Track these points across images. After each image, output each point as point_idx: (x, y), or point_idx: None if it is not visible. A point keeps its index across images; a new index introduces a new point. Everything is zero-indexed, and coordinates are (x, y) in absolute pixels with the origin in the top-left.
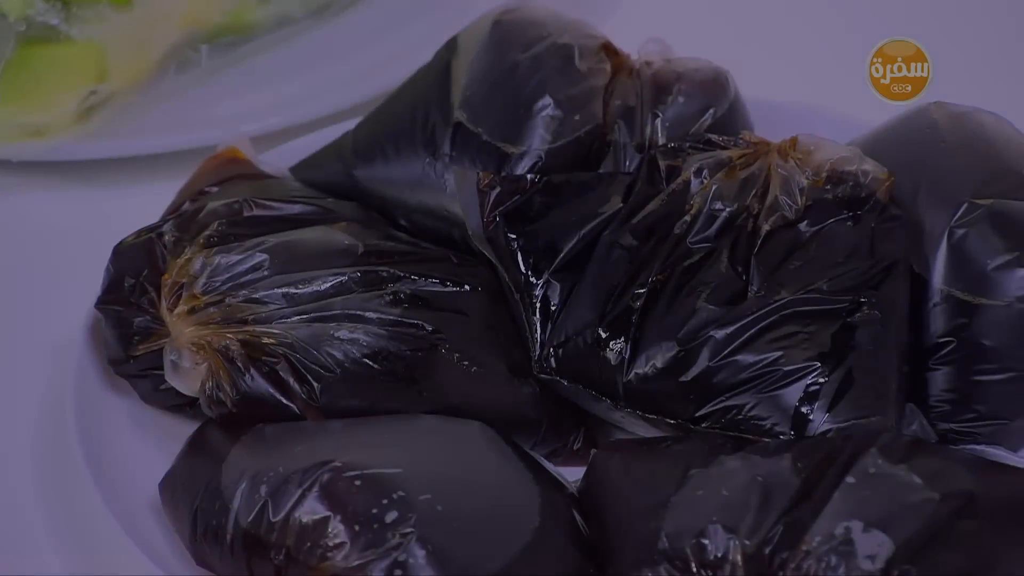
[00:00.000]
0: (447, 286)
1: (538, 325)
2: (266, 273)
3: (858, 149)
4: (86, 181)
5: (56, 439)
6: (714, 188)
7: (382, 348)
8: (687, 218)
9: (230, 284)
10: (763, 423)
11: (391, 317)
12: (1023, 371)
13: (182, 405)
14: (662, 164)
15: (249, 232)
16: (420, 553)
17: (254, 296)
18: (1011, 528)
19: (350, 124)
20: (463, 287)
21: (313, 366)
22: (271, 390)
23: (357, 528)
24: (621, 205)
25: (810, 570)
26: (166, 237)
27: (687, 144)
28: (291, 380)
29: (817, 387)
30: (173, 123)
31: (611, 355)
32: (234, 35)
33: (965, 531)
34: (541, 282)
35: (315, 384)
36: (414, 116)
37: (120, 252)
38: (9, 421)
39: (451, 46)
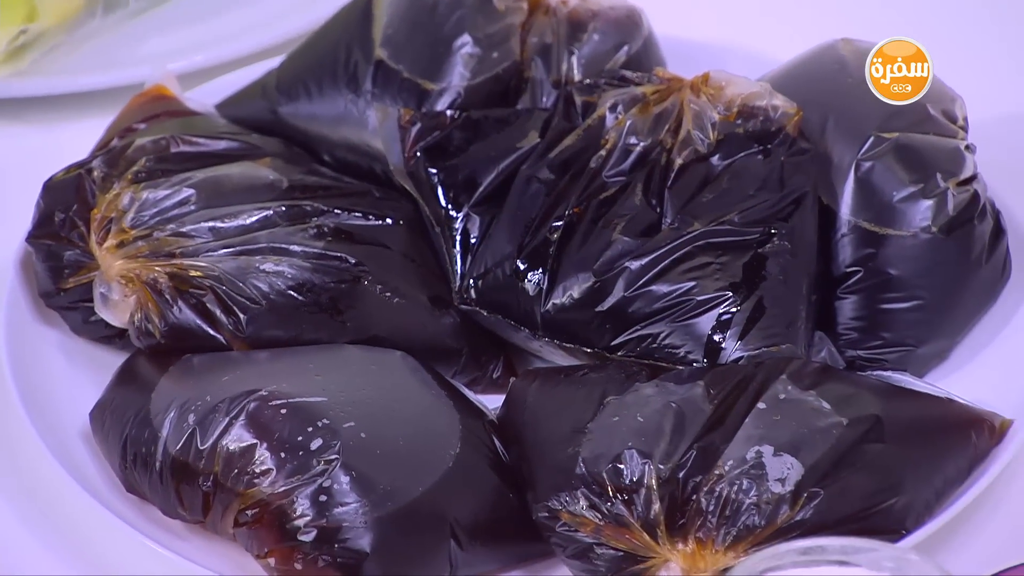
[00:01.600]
0: (369, 220)
1: (458, 257)
2: (193, 208)
3: (768, 85)
4: (16, 118)
5: None
6: (628, 123)
7: (306, 280)
8: (602, 152)
9: (158, 218)
10: (677, 351)
11: (315, 250)
12: (927, 299)
13: (111, 336)
14: (578, 100)
15: (176, 168)
16: (344, 479)
17: (181, 230)
18: (916, 450)
19: (274, 62)
20: (385, 221)
21: (239, 298)
22: (198, 321)
23: (283, 455)
24: (538, 140)
25: (723, 493)
26: (95, 173)
27: (602, 80)
28: (218, 312)
29: (729, 316)
30: (101, 61)
31: (529, 286)
32: None
33: (872, 454)
34: (461, 216)
35: (241, 315)
36: (336, 54)
37: (50, 188)
38: None
39: None
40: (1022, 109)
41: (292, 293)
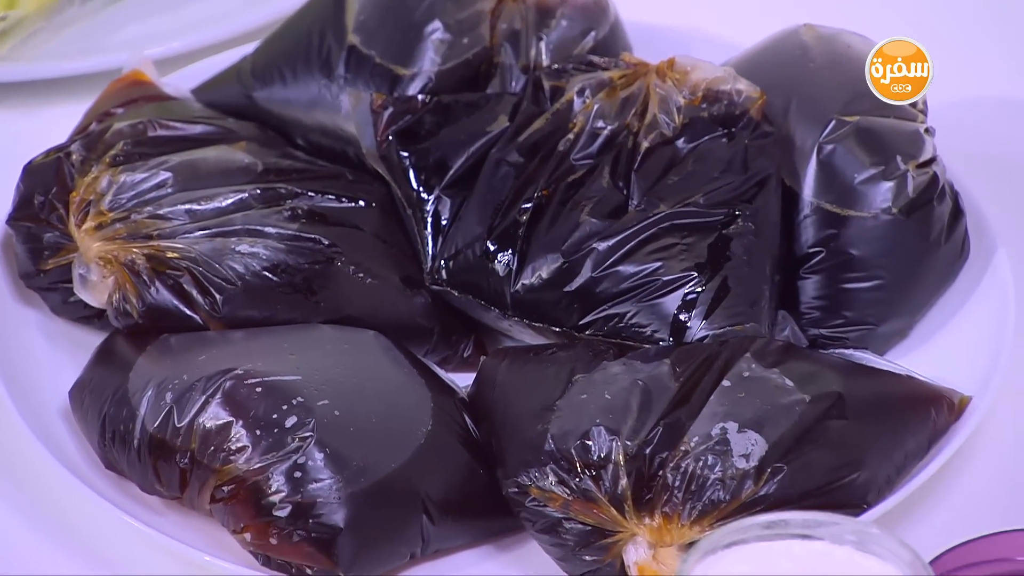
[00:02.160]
0: (343, 202)
1: (430, 238)
2: (170, 190)
3: (732, 69)
4: None
5: None
6: (596, 107)
7: (281, 261)
8: (570, 136)
9: (135, 201)
10: (643, 330)
11: (289, 232)
12: (888, 279)
13: (90, 317)
14: (546, 85)
15: (153, 151)
16: (318, 456)
17: (158, 212)
18: (876, 426)
19: (249, 48)
20: (358, 203)
21: (215, 279)
22: (175, 302)
23: (258, 432)
24: (508, 124)
25: (688, 469)
26: (74, 156)
27: (570, 65)
28: (194, 292)
29: (694, 295)
30: (80, 48)
31: (499, 267)
32: None
33: (833, 430)
34: (432, 198)
35: (217, 296)
36: (310, 40)
37: (30, 171)
38: None
39: None
40: (981, 92)
41: (267, 274)
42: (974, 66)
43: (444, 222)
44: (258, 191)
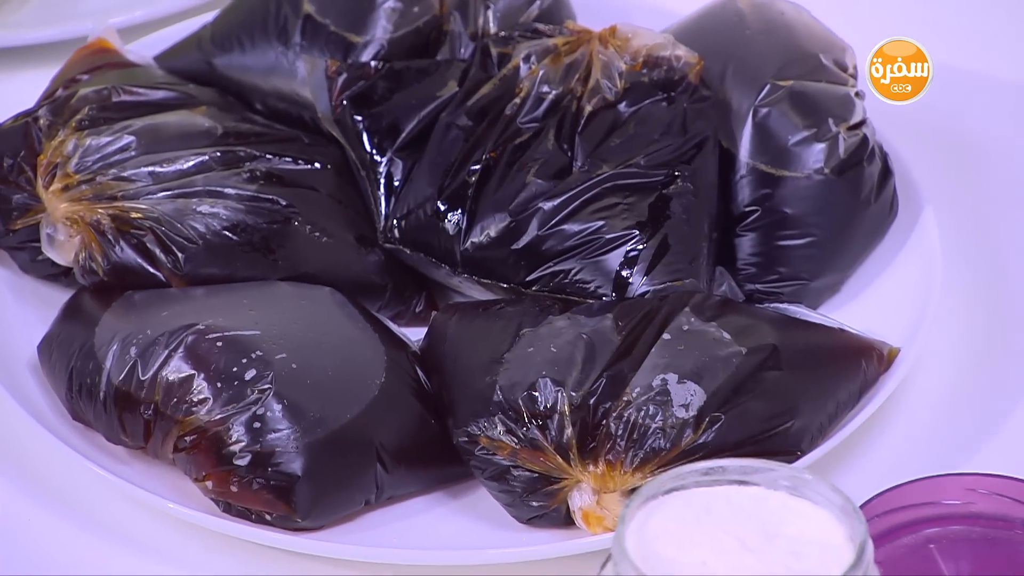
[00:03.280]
0: (299, 164)
1: (383, 199)
2: (133, 153)
3: (671, 36)
4: None
5: None
6: (541, 73)
7: (240, 221)
8: (517, 100)
9: (100, 164)
10: (588, 286)
11: (248, 193)
12: (820, 236)
13: (58, 275)
14: (494, 51)
15: (117, 116)
16: (277, 407)
17: (123, 174)
18: (809, 377)
19: (209, 17)
20: (314, 165)
21: (177, 238)
22: (139, 260)
23: (219, 385)
24: (457, 89)
25: (630, 418)
26: (41, 121)
27: (516, 33)
28: (157, 251)
29: (636, 253)
30: (46, 16)
31: (449, 226)
32: None
33: (769, 381)
34: (385, 160)
35: (179, 254)
36: (267, 8)
37: None
38: None
39: None
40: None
41: (227, 233)
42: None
43: (396, 183)
44: (218, 154)
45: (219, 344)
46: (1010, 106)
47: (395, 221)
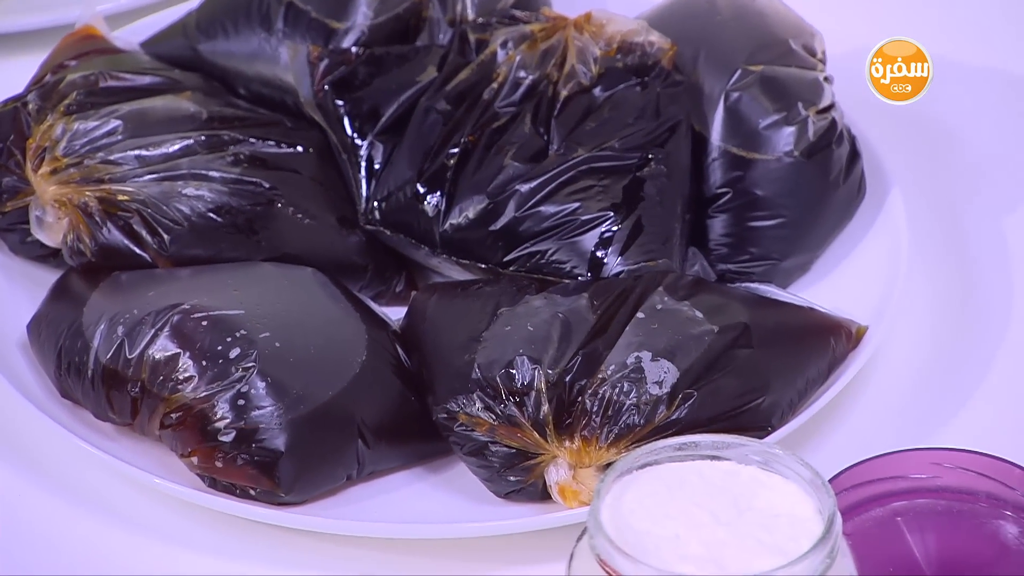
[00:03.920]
0: (282, 148)
1: (364, 181)
2: (120, 137)
3: (645, 23)
4: None
5: None
6: (518, 59)
7: (224, 203)
8: (494, 85)
9: (88, 147)
10: (564, 266)
11: (232, 176)
12: (790, 217)
13: (47, 256)
14: (472, 38)
15: (105, 101)
16: (260, 384)
17: (110, 158)
18: (780, 355)
19: (194, 3)
20: (296, 149)
21: (163, 220)
22: (126, 241)
23: (204, 363)
24: (436, 75)
25: (605, 395)
26: (30, 106)
27: (494, 19)
28: (144, 232)
29: (611, 234)
30: (35, 4)
31: (428, 208)
32: None
33: (740, 358)
34: (366, 143)
35: (165, 236)
36: None
37: None
38: None
39: None
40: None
41: (211, 215)
42: (868, 19)
43: (377, 166)
44: (203, 137)
45: (204, 323)
46: (980, 93)
47: (376, 203)
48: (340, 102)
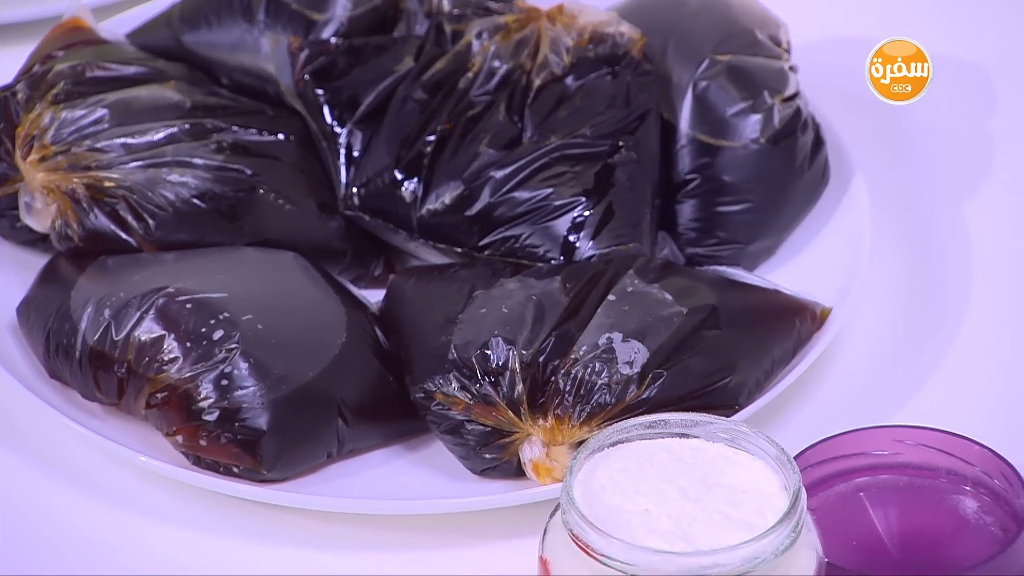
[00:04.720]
0: (264, 136)
1: (343, 168)
2: (107, 126)
3: (616, 13)
4: None
5: None
6: (492, 49)
7: (208, 189)
8: (470, 75)
9: (76, 135)
10: (537, 250)
11: (215, 163)
12: (757, 202)
13: (36, 241)
14: (447, 28)
15: (91, 90)
16: (243, 365)
17: (96, 146)
18: (746, 335)
19: None
20: (277, 136)
21: (148, 205)
22: (112, 226)
23: (188, 344)
24: (413, 64)
25: (578, 375)
26: (19, 95)
27: (469, 11)
28: (130, 218)
29: (583, 219)
30: None
31: (406, 193)
32: None
33: (708, 339)
34: (345, 131)
35: (150, 221)
36: None
37: None
38: None
39: None
40: (839, 33)
41: (195, 201)
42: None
43: (356, 153)
44: (187, 126)
45: (188, 306)
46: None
47: (355, 189)
48: (320, 91)
